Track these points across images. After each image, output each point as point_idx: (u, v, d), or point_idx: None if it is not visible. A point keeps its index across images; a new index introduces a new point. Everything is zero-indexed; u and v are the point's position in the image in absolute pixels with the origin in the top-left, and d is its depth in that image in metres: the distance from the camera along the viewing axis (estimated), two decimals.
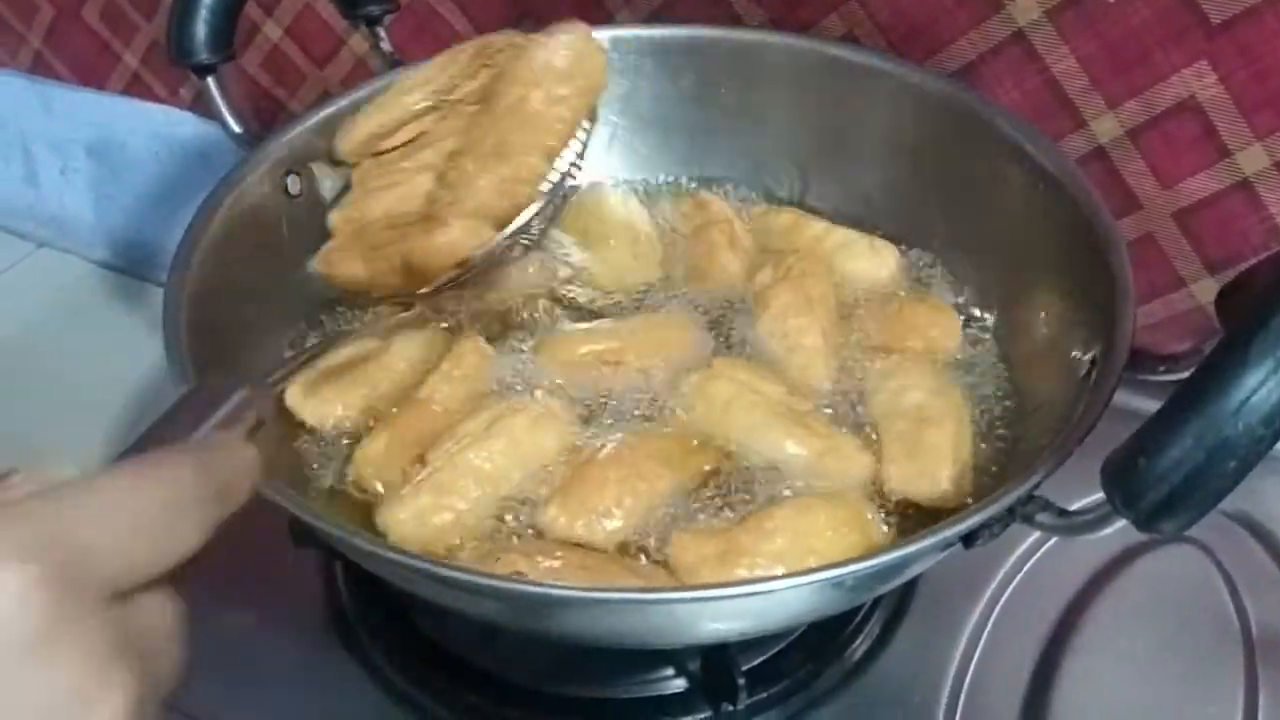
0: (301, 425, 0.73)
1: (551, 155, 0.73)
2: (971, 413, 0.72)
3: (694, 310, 0.80)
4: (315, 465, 0.72)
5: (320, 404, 0.74)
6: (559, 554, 0.63)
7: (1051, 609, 0.76)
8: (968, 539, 0.56)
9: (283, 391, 0.72)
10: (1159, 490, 0.48)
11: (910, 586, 0.76)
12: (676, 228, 0.87)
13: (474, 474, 0.67)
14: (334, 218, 0.77)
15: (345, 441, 0.73)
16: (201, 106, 1.20)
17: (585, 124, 0.75)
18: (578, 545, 0.65)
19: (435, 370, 0.74)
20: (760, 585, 0.55)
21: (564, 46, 0.73)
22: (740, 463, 0.70)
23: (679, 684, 0.72)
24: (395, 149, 0.77)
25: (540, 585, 0.57)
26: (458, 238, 0.70)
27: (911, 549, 0.55)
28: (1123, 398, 0.61)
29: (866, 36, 0.87)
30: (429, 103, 0.77)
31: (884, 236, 0.84)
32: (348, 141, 0.78)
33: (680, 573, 0.63)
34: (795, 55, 0.86)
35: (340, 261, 0.76)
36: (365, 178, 0.77)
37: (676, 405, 0.73)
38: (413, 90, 0.77)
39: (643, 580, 0.62)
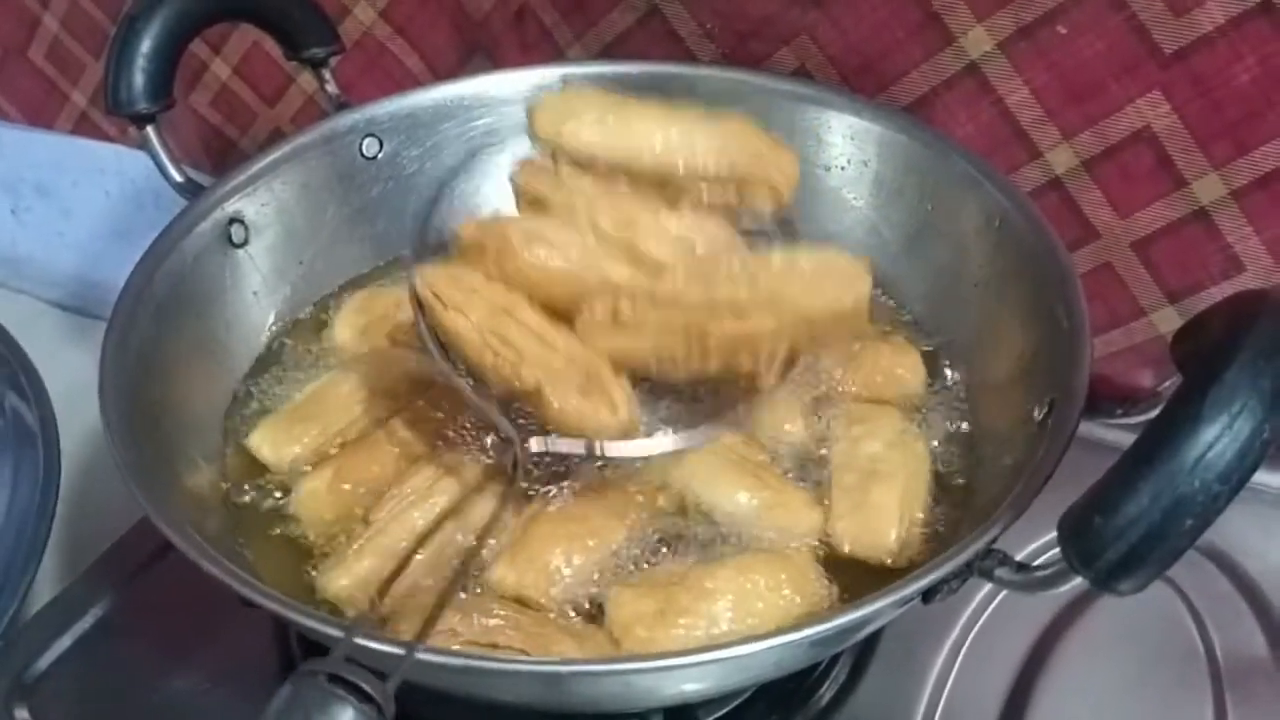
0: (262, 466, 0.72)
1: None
2: (929, 462, 0.71)
3: None
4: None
5: (280, 445, 0.72)
6: (497, 612, 0.61)
7: (1018, 647, 0.75)
8: (926, 595, 0.55)
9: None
10: (1116, 550, 0.47)
11: (875, 631, 0.75)
12: None
13: (417, 535, 0.64)
14: (468, 227, 0.63)
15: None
16: None
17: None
18: (521, 603, 0.63)
19: (407, 408, 0.73)
20: (719, 652, 0.53)
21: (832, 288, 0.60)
22: (690, 513, 0.68)
23: None
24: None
25: (475, 658, 0.55)
26: (619, 425, 0.59)
27: (870, 609, 0.54)
28: (1085, 428, 0.60)
29: (818, 70, 0.86)
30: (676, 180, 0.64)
31: None
32: (553, 127, 0.65)
33: (616, 630, 0.61)
34: (748, 90, 0.85)
35: (450, 302, 0.61)
36: (543, 190, 0.65)
37: None
38: (673, 157, 0.64)
39: (577, 641, 0.60)
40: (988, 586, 0.76)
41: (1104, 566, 0.48)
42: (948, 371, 0.77)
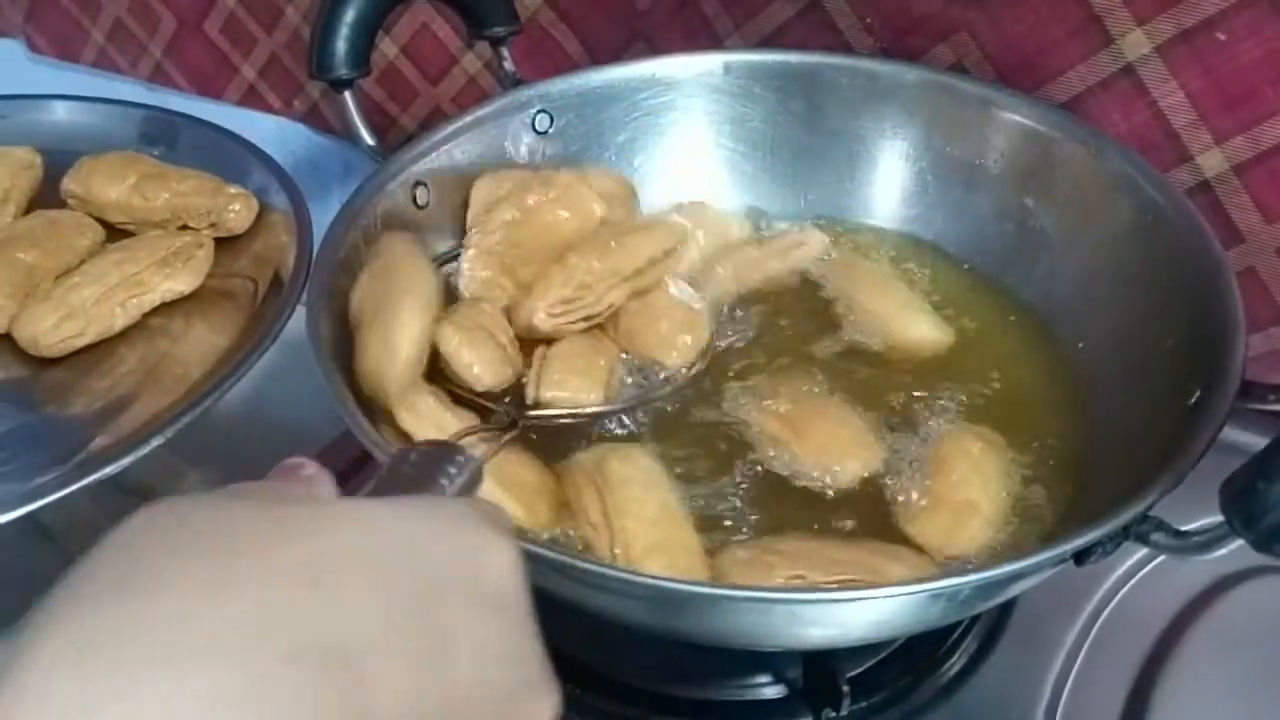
0: None
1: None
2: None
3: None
4: None
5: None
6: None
7: (1147, 634, 0.76)
8: (1080, 556, 0.57)
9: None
10: (1277, 513, 0.49)
11: (1007, 606, 0.77)
12: None
13: None
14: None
15: None
16: (315, 119, 1.25)
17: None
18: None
19: None
20: (868, 592, 0.57)
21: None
22: None
23: (774, 691, 0.73)
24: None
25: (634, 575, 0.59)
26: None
27: (1024, 563, 0.56)
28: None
29: (975, 66, 0.89)
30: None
31: (986, 269, 0.87)
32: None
33: None
34: (904, 83, 0.88)
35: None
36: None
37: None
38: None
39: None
40: (1119, 570, 0.78)
41: (1265, 529, 0.50)
42: (1094, 359, 0.79)
